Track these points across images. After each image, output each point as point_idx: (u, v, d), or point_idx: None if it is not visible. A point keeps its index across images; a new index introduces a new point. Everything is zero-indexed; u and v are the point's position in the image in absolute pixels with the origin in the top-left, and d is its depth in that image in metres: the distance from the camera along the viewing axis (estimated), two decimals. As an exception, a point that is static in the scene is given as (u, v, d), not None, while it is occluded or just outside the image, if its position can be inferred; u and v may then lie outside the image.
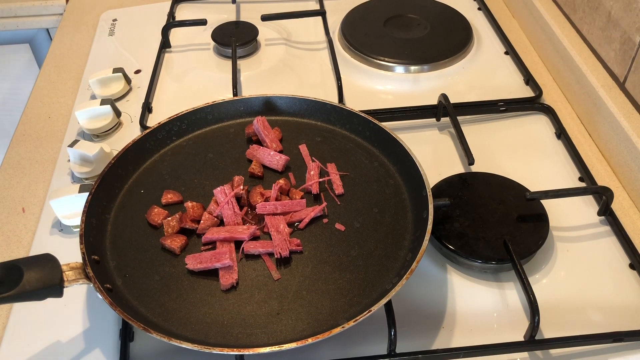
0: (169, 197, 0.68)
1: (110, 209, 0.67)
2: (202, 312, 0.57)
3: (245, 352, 0.52)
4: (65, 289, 0.55)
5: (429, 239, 0.66)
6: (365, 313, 0.52)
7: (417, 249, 0.58)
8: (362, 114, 0.74)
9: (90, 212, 0.63)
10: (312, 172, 0.70)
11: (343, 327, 0.51)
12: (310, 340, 0.51)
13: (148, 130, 0.74)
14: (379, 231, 0.64)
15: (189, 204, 0.66)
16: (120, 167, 0.70)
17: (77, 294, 0.65)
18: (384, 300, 0.53)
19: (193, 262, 0.61)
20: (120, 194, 0.69)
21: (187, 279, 0.60)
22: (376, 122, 0.73)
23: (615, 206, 0.71)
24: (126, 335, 0.59)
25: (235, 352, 0.51)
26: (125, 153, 0.70)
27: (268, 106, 0.79)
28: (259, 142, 0.75)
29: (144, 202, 0.68)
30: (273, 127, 0.76)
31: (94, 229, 0.63)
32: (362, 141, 0.75)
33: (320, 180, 0.69)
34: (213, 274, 0.60)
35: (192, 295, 0.59)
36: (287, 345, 0.51)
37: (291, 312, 0.57)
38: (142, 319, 0.55)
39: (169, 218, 0.65)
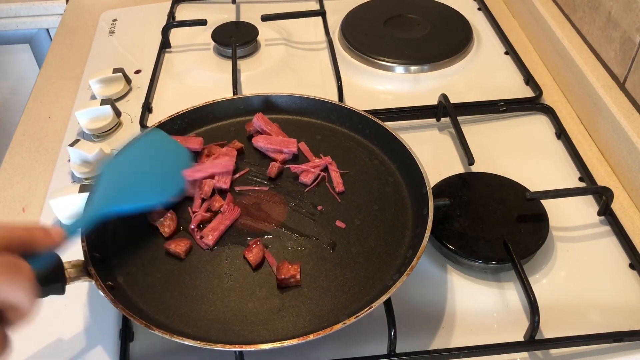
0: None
1: None
2: (204, 309, 0.57)
3: (247, 348, 0.52)
4: (67, 287, 0.54)
5: (430, 239, 0.66)
6: (365, 309, 0.52)
7: (417, 246, 0.58)
8: (362, 112, 0.74)
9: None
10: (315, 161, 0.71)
11: (344, 324, 0.51)
12: (311, 337, 0.51)
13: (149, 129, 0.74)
14: (380, 228, 0.64)
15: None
16: (122, 165, 0.70)
17: (77, 294, 0.65)
18: (385, 297, 0.53)
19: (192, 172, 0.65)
20: None
21: (188, 276, 0.61)
22: (376, 120, 0.73)
23: (615, 206, 0.71)
24: (126, 335, 0.59)
25: (236, 348, 0.52)
26: None
27: (268, 105, 0.79)
28: None
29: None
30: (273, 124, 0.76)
31: (95, 227, 0.63)
32: (362, 139, 0.75)
33: (320, 173, 0.70)
34: (213, 273, 0.61)
35: (193, 292, 0.59)
36: (288, 341, 0.51)
37: (292, 309, 0.57)
38: (144, 316, 0.55)
39: (162, 219, 0.65)
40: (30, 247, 0.45)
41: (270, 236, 0.64)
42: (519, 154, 0.80)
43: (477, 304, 0.63)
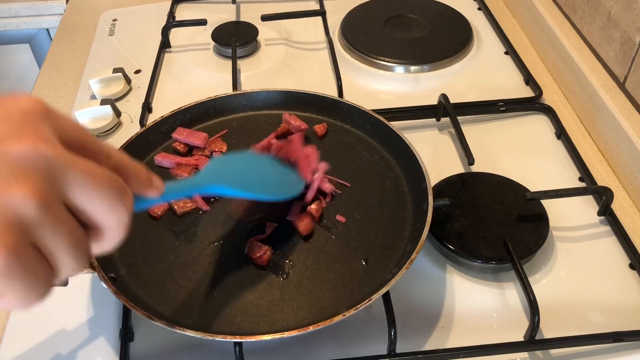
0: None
1: None
2: (205, 302, 0.58)
3: (246, 339, 0.52)
4: (69, 278, 0.54)
5: (429, 239, 0.66)
6: (365, 301, 0.52)
7: (417, 240, 0.58)
8: (363, 108, 0.75)
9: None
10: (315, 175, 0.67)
11: (344, 315, 0.52)
12: (311, 328, 0.51)
13: (152, 123, 0.74)
14: (380, 222, 0.65)
15: None
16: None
17: (78, 294, 0.65)
18: (384, 290, 0.54)
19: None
20: None
21: (190, 268, 0.61)
22: (377, 115, 0.73)
23: (615, 206, 0.71)
24: (126, 335, 0.59)
25: (236, 339, 0.52)
26: (129, 146, 0.71)
27: (270, 100, 0.79)
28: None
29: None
30: (275, 123, 0.77)
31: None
32: (362, 135, 0.75)
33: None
34: (215, 265, 0.61)
35: (195, 285, 0.59)
36: (287, 332, 0.51)
37: (293, 301, 0.57)
38: (145, 307, 0.55)
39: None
40: (128, 180, 0.39)
41: (271, 229, 0.64)
42: (519, 154, 0.80)
43: (477, 303, 0.62)
